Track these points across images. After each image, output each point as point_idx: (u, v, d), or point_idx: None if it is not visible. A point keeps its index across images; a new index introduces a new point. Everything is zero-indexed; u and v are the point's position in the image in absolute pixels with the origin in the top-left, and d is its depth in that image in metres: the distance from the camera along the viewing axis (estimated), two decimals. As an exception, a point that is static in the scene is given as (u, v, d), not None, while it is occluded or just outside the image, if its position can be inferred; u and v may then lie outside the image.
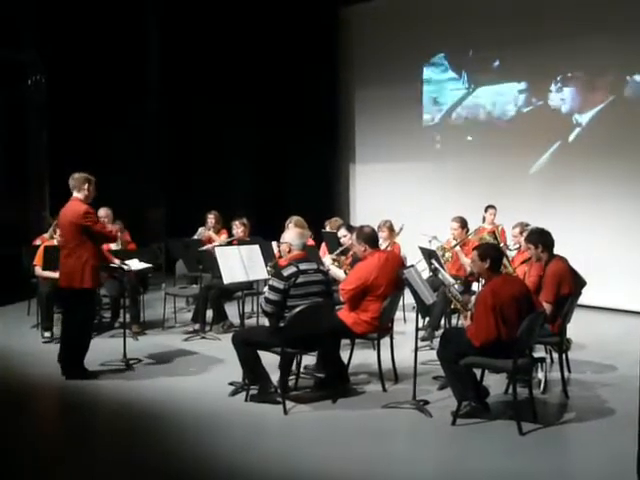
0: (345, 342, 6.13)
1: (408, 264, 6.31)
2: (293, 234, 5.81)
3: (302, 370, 6.02)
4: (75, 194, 6.17)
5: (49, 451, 4.84)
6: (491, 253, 5.27)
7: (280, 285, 5.36)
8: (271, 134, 11.99)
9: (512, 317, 4.99)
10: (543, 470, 4.43)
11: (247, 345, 5.54)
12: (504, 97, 10.46)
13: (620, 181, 9.22)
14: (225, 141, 11.81)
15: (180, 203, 11.36)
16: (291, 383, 5.86)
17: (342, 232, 7.43)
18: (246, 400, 5.54)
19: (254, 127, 11.95)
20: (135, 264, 6.86)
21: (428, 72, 11.23)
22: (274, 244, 7.45)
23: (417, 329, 5.51)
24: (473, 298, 6.02)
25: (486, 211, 9.22)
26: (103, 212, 8.01)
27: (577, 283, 5.94)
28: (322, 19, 11.94)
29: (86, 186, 6.16)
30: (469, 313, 5.34)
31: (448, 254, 7.75)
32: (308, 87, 11.73)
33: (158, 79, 12.03)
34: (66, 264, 6.10)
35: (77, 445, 4.91)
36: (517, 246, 7.41)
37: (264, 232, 8.40)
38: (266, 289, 5.60)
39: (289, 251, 5.67)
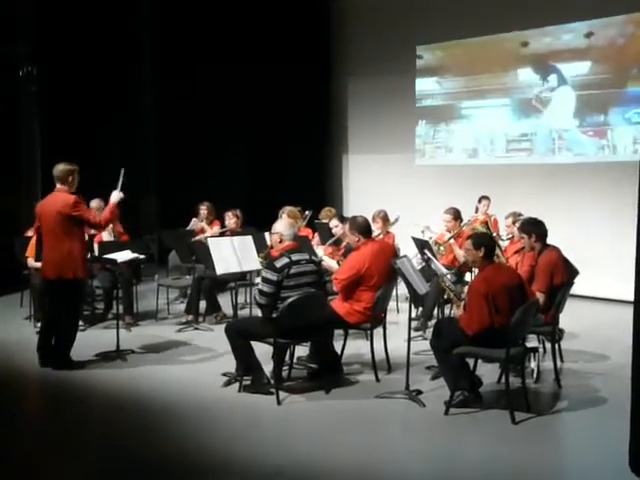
0: (338, 332, 6.14)
1: (401, 254, 6.31)
2: (284, 224, 5.79)
3: (295, 361, 6.02)
4: (59, 186, 6.12)
5: (41, 442, 4.83)
6: (485, 242, 5.29)
7: (273, 277, 5.35)
8: (264, 126, 11.95)
9: (504, 306, 5.00)
10: (536, 459, 4.44)
11: (240, 336, 5.54)
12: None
13: (610, 171, 9.23)
14: (218, 133, 11.75)
15: (174, 194, 11.32)
16: (284, 374, 5.85)
17: (334, 222, 7.44)
18: (239, 391, 5.54)
19: (247, 119, 11.90)
20: (126, 255, 6.82)
21: (421, 63, 11.20)
22: (267, 235, 7.45)
23: (410, 319, 5.51)
24: (466, 288, 6.04)
25: (480, 202, 9.22)
26: (95, 203, 7.97)
27: (570, 273, 5.95)
28: (315, 10, 11.90)
29: (70, 178, 6.13)
30: (462, 303, 5.36)
31: (442, 248, 7.73)
32: (301, 78, 11.68)
33: (152, 68, 11.96)
34: (56, 255, 6.03)
35: (70, 436, 4.89)
36: (510, 236, 7.42)
37: (257, 223, 8.39)
38: (259, 280, 5.58)
39: (280, 241, 5.66)
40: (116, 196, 6.31)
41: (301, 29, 11.68)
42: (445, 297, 6.23)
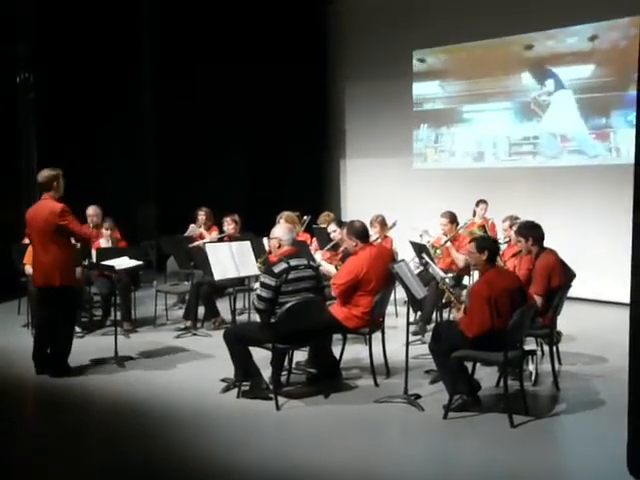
0: (337, 337, 6.15)
1: (399, 259, 6.31)
2: (283, 229, 5.80)
3: (294, 366, 6.03)
4: (45, 193, 6.08)
5: (40, 450, 4.82)
6: (488, 245, 5.33)
7: (272, 282, 5.35)
8: (262, 130, 11.96)
9: (505, 309, 5.02)
10: (534, 462, 4.44)
11: (239, 341, 5.54)
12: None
13: (611, 173, 9.24)
14: (216, 138, 11.76)
15: (172, 200, 11.31)
16: (283, 379, 5.86)
17: (332, 227, 7.46)
18: (238, 396, 5.54)
19: (245, 124, 11.91)
20: (125, 262, 6.83)
21: (424, 66, 11.21)
22: (265, 240, 7.46)
23: (408, 323, 5.52)
24: (464, 292, 6.05)
25: (477, 205, 9.24)
26: (92, 210, 7.93)
27: (567, 275, 5.97)
28: (312, 14, 11.92)
29: (55, 184, 6.09)
30: (463, 306, 5.36)
31: (439, 251, 7.74)
32: (298, 83, 11.69)
33: (149, 74, 11.97)
34: (43, 263, 6.01)
35: (69, 443, 4.89)
36: (507, 239, 7.43)
37: (256, 228, 8.40)
38: (257, 286, 5.59)
39: (279, 246, 5.66)
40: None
41: (299, 32, 11.68)
42: (444, 301, 6.23)
